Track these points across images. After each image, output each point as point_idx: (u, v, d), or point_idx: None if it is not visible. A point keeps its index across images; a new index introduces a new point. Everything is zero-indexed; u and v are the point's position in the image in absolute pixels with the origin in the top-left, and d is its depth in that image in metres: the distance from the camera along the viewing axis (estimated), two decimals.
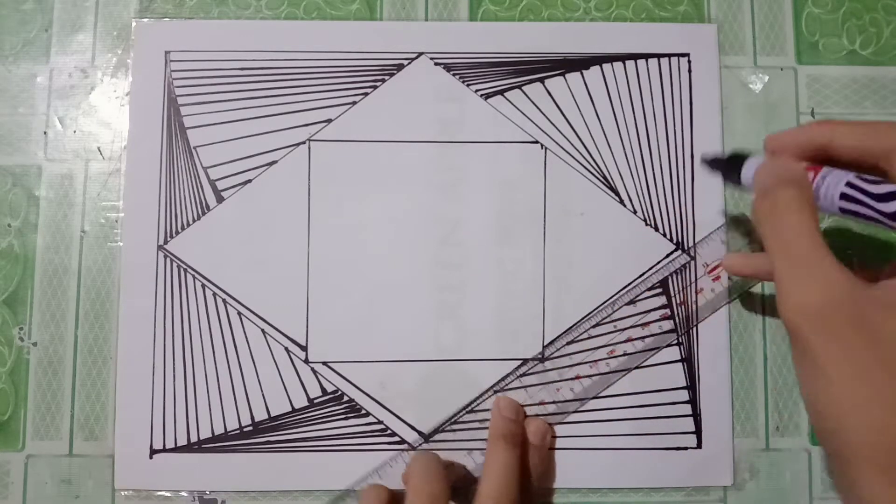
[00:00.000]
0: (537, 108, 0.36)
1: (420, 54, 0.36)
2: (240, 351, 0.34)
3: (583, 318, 0.35)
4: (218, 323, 0.34)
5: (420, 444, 0.34)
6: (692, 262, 0.35)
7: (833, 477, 0.31)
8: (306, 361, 0.34)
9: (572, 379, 0.34)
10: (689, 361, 0.34)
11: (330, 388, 0.34)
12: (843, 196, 0.26)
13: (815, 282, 0.24)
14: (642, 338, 0.35)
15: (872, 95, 0.37)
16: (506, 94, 0.36)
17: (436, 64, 0.36)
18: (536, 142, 0.36)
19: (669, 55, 0.36)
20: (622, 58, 0.36)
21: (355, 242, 0.35)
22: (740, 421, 0.34)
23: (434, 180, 0.35)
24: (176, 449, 0.34)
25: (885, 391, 0.22)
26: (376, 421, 0.34)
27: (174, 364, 0.34)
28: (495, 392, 0.34)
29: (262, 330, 0.34)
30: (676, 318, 0.34)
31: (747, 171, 0.29)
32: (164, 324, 0.34)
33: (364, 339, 0.34)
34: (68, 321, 0.34)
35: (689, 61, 0.36)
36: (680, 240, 0.35)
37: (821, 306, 0.23)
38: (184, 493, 0.34)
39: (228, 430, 0.34)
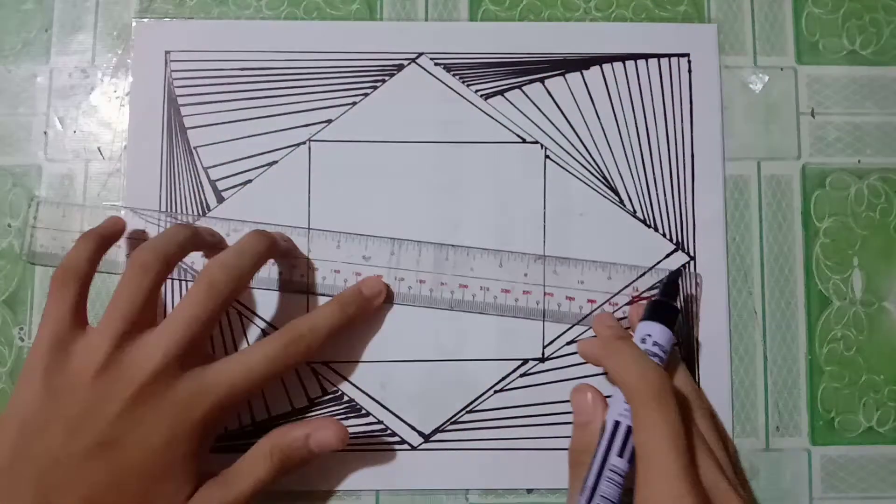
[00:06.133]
0: (537, 108, 0.36)
1: (420, 54, 0.36)
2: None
3: (583, 318, 0.35)
4: (217, 323, 0.34)
5: (420, 444, 0.34)
6: (692, 262, 0.35)
7: None
8: (307, 361, 0.34)
9: (572, 378, 0.34)
10: (688, 361, 0.34)
11: (330, 389, 0.34)
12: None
13: None
14: None
15: (872, 95, 0.37)
16: (506, 94, 0.36)
17: (436, 64, 0.36)
18: (536, 142, 0.36)
19: (669, 55, 0.36)
20: (622, 58, 0.36)
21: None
22: (740, 421, 0.34)
23: (434, 181, 0.35)
24: None
25: None
26: (376, 421, 0.34)
27: None
28: (495, 392, 0.34)
29: (262, 329, 0.34)
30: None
31: None
32: None
33: (364, 339, 0.34)
34: None
35: (689, 61, 0.36)
36: (680, 240, 0.35)
37: None
38: None
39: (229, 429, 0.34)
